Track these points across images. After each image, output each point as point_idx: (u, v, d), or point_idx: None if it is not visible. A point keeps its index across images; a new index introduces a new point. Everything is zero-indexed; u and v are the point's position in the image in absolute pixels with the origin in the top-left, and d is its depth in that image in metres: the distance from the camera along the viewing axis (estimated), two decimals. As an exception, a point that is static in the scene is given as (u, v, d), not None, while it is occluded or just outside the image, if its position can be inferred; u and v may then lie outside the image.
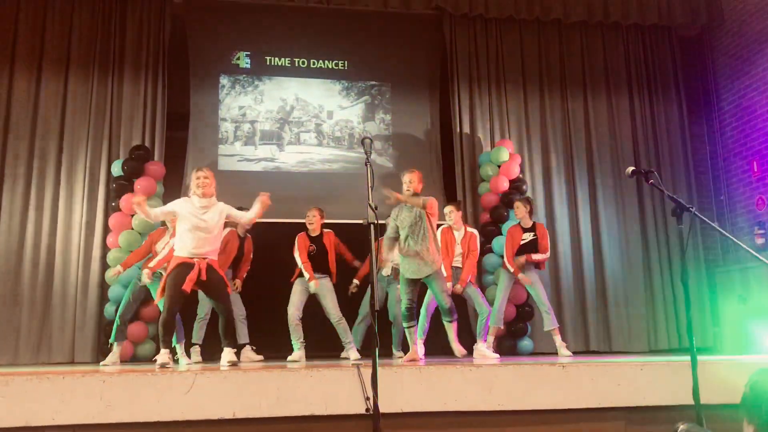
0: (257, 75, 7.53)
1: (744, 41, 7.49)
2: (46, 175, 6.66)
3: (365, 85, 7.74)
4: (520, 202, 6.18)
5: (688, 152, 7.86)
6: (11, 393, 3.36)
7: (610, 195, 7.60)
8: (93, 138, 6.80)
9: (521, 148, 7.55)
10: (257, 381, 3.59)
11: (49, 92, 6.82)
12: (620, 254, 7.47)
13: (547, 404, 3.80)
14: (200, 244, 4.73)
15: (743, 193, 7.46)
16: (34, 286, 6.42)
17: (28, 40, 6.87)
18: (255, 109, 7.46)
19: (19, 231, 6.50)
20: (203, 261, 4.71)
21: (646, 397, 3.84)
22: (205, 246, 4.76)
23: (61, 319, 6.39)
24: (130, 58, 7.04)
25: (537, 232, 6.10)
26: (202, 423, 3.48)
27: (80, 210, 6.63)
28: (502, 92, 7.67)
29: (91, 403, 3.39)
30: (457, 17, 7.65)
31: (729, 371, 3.91)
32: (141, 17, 7.14)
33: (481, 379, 3.78)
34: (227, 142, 7.33)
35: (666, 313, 7.45)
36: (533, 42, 7.85)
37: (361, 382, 3.59)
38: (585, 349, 7.17)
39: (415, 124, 7.77)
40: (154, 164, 6.63)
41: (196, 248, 4.71)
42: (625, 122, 7.82)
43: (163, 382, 3.49)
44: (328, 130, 7.57)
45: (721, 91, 7.85)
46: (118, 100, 6.95)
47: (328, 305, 5.77)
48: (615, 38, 8.00)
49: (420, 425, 3.70)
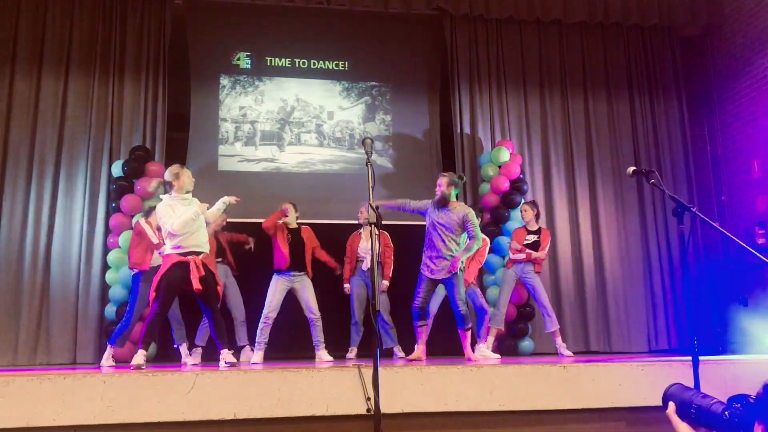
0: (258, 75, 7.54)
1: (745, 41, 7.48)
2: (47, 175, 6.65)
3: (366, 85, 7.74)
4: (528, 206, 6.33)
5: (689, 152, 7.86)
6: (12, 394, 3.37)
7: (610, 195, 7.60)
8: (93, 138, 6.80)
9: (522, 148, 7.55)
10: (258, 382, 3.59)
11: (50, 93, 6.82)
12: (620, 254, 7.47)
13: (547, 405, 3.80)
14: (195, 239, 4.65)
15: (744, 193, 7.46)
16: (34, 286, 6.42)
17: (28, 40, 6.86)
18: (255, 110, 7.46)
19: (20, 231, 6.50)
20: (197, 258, 4.64)
21: (647, 397, 3.84)
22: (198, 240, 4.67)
23: (61, 320, 6.39)
24: (130, 58, 7.04)
25: (540, 236, 6.19)
26: (203, 424, 3.48)
27: (81, 210, 6.63)
28: (502, 92, 7.67)
29: (92, 404, 3.40)
30: (458, 18, 7.64)
31: (730, 372, 3.91)
32: (141, 18, 7.14)
33: (481, 380, 3.78)
34: (227, 143, 7.33)
35: (666, 313, 7.45)
36: (533, 42, 7.85)
37: (362, 382, 3.59)
38: (585, 350, 7.16)
39: (416, 125, 7.78)
40: (154, 165, 6.63)
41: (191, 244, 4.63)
42: (625, 122, 7.82)
43: (164, 383, 3.49)
44: (329, 130, 7.57)
45: (722, 91, 7.85)
46: (118, 100, 6.94)
47: (309, 301, 5.74)
48: (615, 38, 7.99)
49: (421, 426, 3.70)
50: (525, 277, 6.17)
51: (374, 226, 3.24)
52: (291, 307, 5.85)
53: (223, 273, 5.94)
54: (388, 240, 6.33)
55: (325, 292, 6.36)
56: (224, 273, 5.96)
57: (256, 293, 5.95)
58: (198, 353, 5.87)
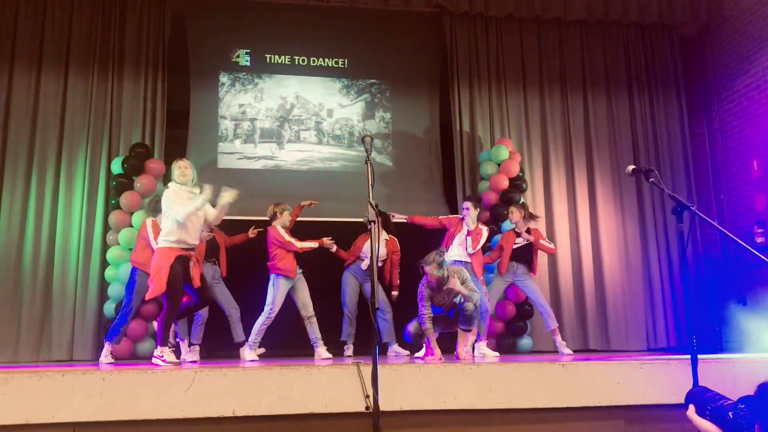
0: (257, 73, 7.53)
1: (744, 40, 7.48)
2: (46, 173, 6.65)
3: (365, 83, 7.74)
4: (515, 208, 6.26)
5: (688, 151, 7.86)
6: (11, 391, 3.37)
7: (609, 193, 7.60)
8: (93, 136, 6.79)
9: (521, 146, 7.55)
10: (257, 379, 3.60)
11: (49, 90, 6.81)
12: (619, 252, 7.47)
13: (546, 403, 3.80)
14: (194, 232, 4.66)
15: (743, 192, 7.46)
16: (34, 283, 6.42)
17: (27, 37, 6.85)
18: (255, 107, 7.46)
19: (19, 228, 6.49)
20: (194, 254, 4.68)
21: (645, 395, 3.85)
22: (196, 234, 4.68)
23: (60, 317, 6.39)
24: (130, 55, 7.04)
25: (533, 235, 6.13)
26: (202, 421, 3.48)
27: (80, 207, 6.62)
28: (502, 90, 7.67)
29: (91, 401, 3.40)
30: (457, 15, 7.64)
31: (729, 370, 3.91)
32: (141, 15, 7.13)
33: (480, 378, 3.78)
34: (227, 140, 7.33)
35: (665, 311, 7.45)
36: (533, 40, 7.84)
37: (361, 380, 3.59)
38: (584, 348, 7.17)
39: (415, 123, 7.77)
40: (154, 162, 6.63)
41: (192, 238, 4.64)
42: (624, 121, 7.82)
43: (163, 380, 3.50)
44: (328, 128, 7.57)
45: (721, 90, 7.85)
46: (118, 97, 6.94)
47: (307, 299, 5.73)
48: (615, 37, 7.99)
49: (420, 423, 3.71)
50: (518, 279, 6.13)
51: (374, 224, 3.23)
52: (289, 306, 5.84)
53: (211, 274, 5.92)
54: (396, 246, 6.28)
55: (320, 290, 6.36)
56: (211, 274, 5.94)
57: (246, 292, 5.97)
58: (196, 350, 5.86)
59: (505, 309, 6.70)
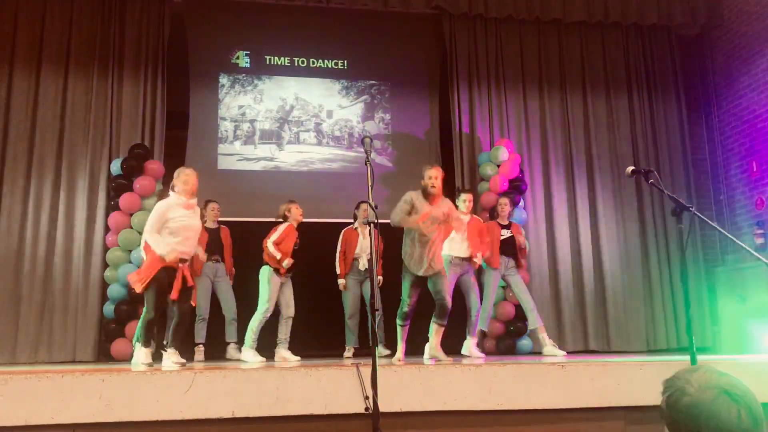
0: (257, 74, 7.53)
1: (744, 41, 7.49)
2: (46, 173, 6.64)
3: (365, 84, 7.74)
4: (507, 200, 6.35)
5: (688, 152, 7.86)
6: (11, 392, 3.36)
7: (609, 194, 7.60)
8: (93, 137, 6.79)
9: (521, 147, 7.54)
10: (256, 380, 3.59)
11: (49, 91, 6.80)
12: (619, 253, 7.47)
13: (546, 404, 3.80)
14: (189, 245, 4.68)
15: (742, 193, 7.46)
16: (33, 284, 6.41)
17: (27, 38, 6.85)
18: (254, 109, 7.46)
19: (19, 229, 6.49)
20: (185, 266, 4.67)
21: (645, 396, 3.84)
22: (190, 246, 4.71)
23: (61, 318, 6.38)
24: (129, 57, 7.03)
25: (512, 230, 6.20)
26: (202, 422, 3.48)
27: (80, 209, 6.62)
28: (501, 92, 7.67)
29: (90, 402, 3.39)
30: (457, 17, 7.64)
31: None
32: (140, 16, 7.13)
33: (480, 379, 3.78)
34: (227, 142, 7.33)
35: (665, 312, 7.44)
36: (533, 42, 7.84)
37: (361, 381, 3.59)
38: (584, 349, 7.17)
39: (415, 124, 7.78)
40: (153, 163, 6.62)
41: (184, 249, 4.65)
42: (624, 122, 7.82)
43: (163, 382, 3.49)
44: (328, 129, 7.57)
45: (721, 90, 7.85)
46: (117, 98, 6.93)
47: (291, 298, 5.72)
48: (614, 38, 7.99)
49: (419, 424, 3.70)
50: (508, 274, 6.11)
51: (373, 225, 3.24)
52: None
53: (213, 272, 5.92)
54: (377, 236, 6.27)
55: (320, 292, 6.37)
56: (214, 272, 5.93)
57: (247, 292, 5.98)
58: (201, 351, 5.89)
59: (504, 310, 6.70)
